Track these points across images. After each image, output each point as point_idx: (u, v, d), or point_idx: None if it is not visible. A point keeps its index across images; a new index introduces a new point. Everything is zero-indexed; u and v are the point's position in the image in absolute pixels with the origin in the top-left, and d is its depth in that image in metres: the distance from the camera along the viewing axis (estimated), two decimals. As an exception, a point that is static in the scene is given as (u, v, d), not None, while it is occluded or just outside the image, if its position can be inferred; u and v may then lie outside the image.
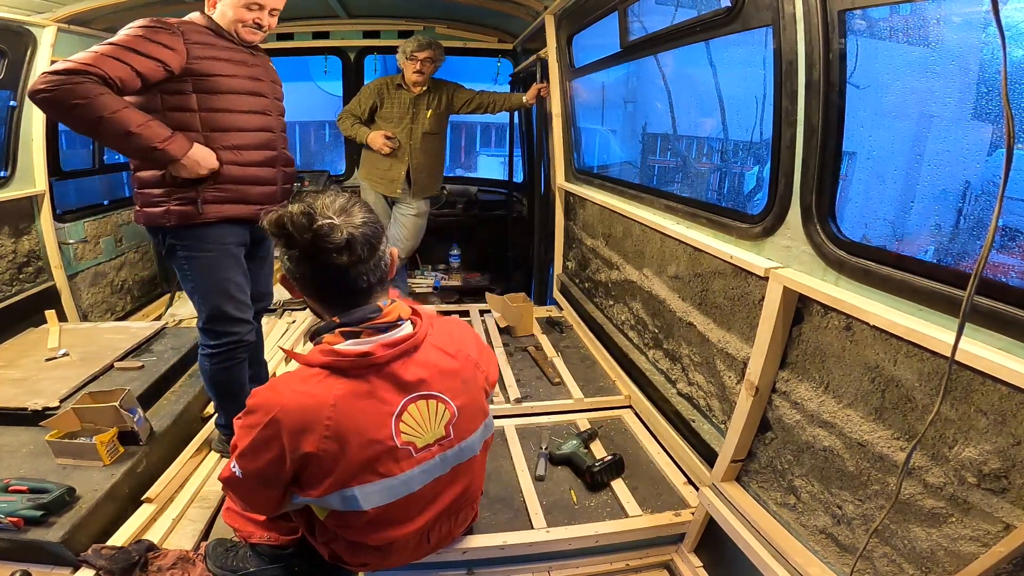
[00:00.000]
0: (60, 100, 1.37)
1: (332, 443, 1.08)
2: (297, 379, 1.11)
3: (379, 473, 1.15)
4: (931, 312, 1.01)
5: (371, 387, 1.12)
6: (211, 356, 1.76)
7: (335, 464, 1.10)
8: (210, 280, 1.69)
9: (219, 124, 1.64)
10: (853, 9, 1.13)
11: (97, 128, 1.44)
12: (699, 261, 1.81)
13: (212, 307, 1.70)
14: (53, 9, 2.59)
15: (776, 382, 1.43)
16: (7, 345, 2.38)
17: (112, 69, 1.42)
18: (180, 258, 1.67)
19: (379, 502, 1.17)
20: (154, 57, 1.49)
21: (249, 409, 1.12)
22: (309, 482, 1.14)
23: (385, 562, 1.33)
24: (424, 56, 2.98)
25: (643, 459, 1.97)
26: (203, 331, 1.76)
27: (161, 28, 1.52)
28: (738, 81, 2.68)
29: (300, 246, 1.06)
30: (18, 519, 1.40)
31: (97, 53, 1.42)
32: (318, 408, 1.07)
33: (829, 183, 1.24)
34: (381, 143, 3.06)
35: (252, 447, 1.10)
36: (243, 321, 1.76)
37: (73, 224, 3.05)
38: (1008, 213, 1.50)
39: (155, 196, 1.61)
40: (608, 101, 4.25)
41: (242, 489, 1.18)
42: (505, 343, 2.86)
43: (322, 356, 1.10)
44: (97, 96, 1.39)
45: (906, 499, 1.07)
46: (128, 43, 1.46)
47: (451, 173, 4.34)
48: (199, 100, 1.60)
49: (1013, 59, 0.77)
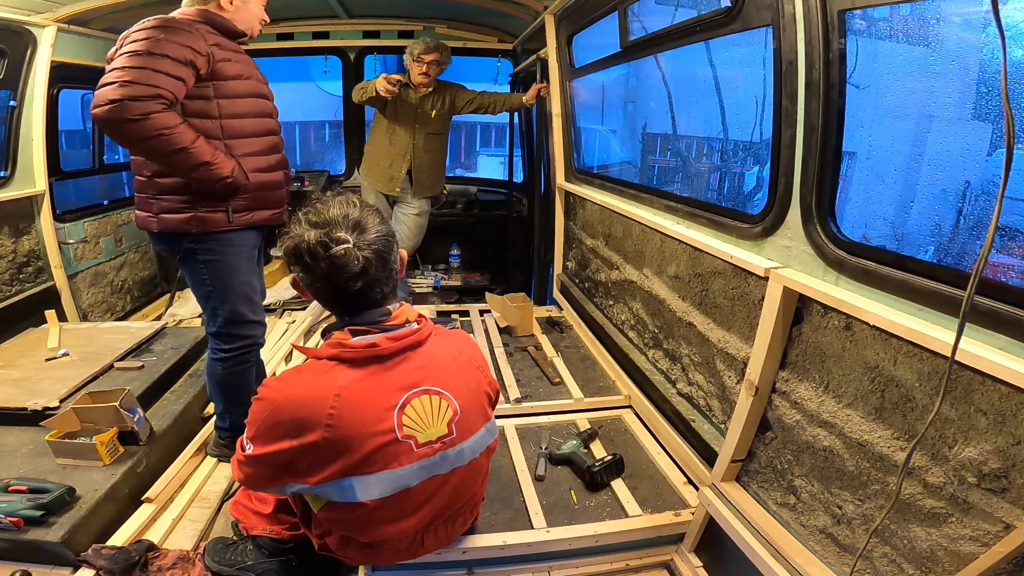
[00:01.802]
0: (138, 132, 1.37)
1: (334, 432, 1.10)
2: (305, 370, 1.16)
3: (378, 465, 1.15)
4: (931, 312, 1.01)
5: (375, 379, 1.15)
6: (224, 360, 1.74)
7: (336, 453, 1.12)
8: (229, 283, 1.67)
9: (237, 130, 1.61)
10: (853, 9, 1.13)
11: (173, 158, 1.44)
12: (699, 261, 1.81)
13: (231, 310, 1.69)
14: (53, 9, 2.59)
15: (776, 382, 1.43)
16: (7, 345, 2.38)
17: (171, 88, 1.41)
18: (199, 262, 1.64)
19: (376, 495, 1.17)
20: (188, 61, 1.46)
21: (259, 397, 1.15)
22: (308, 470, 1.15)
23: (374, 559, 1.34)
24: (431, 59, 2.99)
25: (643, 459, 1.96)
26: (217, 335, 1.74)
27: (181, 28, 1.47)
28: (738, 81, 2.68)
29: (315, 273, 1.10)
30: (18, 519, 1.41)
31: (151, 71, 1.38)
32: (323, 398, 1.10)
33: (829, 183, 1.24)
34: (384, 83, 2.85)
35: (260, 432, 1.15)
36: (259, 323, 1.77)
37: (73, 224, 3.05)
38: (1008, 213, 1.50)
39: (178, 203, 1.57)
40: (608, 101, 4.25)
41: (247, 467, 1.20)
42: (505, 343, 2.86)
43: (330, 349, 1.16)
44: (176, 126, 1.41)
45: (906, 499, 1.07)
46: (164, 51, 1.41)
47: (451, 173, 4.33)
48: (219, 106, 1.57)
49: (1013, 59, 0.77)
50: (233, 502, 1.56)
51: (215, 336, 1.75)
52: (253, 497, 1.50)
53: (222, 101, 1.57)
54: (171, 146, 1.41)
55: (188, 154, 1.44)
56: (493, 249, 4.27)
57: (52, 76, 2.70)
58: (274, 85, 1.81)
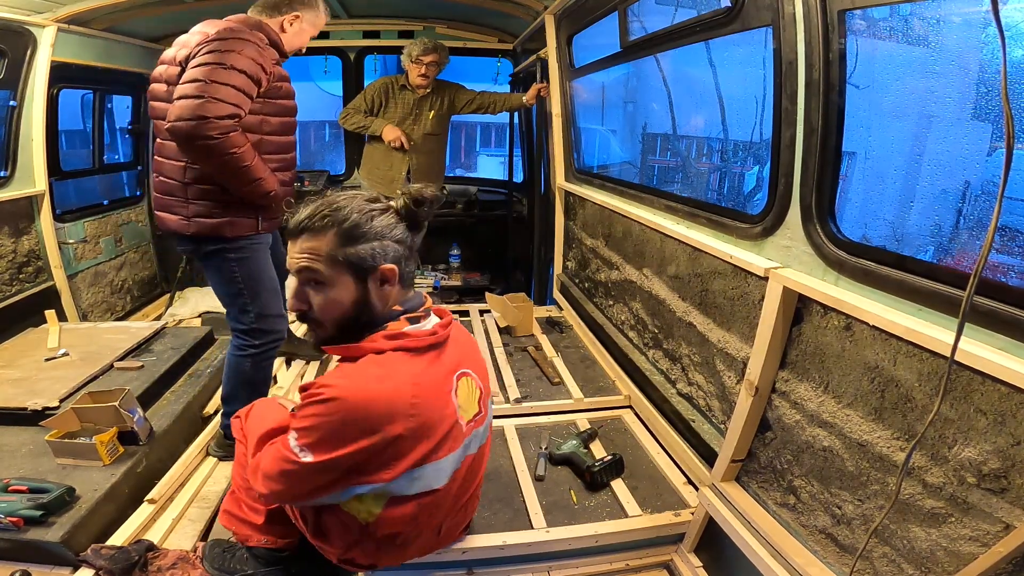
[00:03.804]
0: (218, 150, 1.46)
1: (416, 421, 1.10)
2: (373, 365, 1.10)
3: (445, 449, 1.18)
4: (931, 312, 1.01)
5: (436, 365, 1.17)
6: (253, 356, 1.79)
7: (415, 442, 1.12)
8: (260, 279, 1.77)
9: (270, 146, 1.69)
10: (853, 9, 1.13)
11: (234, 173, 1.54)
12: (699, 261, 1.81)
13: (263, 305, 1.77)
14: (53, 9, 2.59)
15: (776, 382, 1.43)
16: (7, 345, 2.38)
17: (247, 108, 1.51)
18: (231, 261, 1.71)
19: (444, 480, 1.20)
20: (258, 80, 1.54)
21: (328, 398, 1.06)
22: (384, 465, 1.11)
23: (400, 558, 1.34)
24: (429, 60, 2.99)
25: (643, 459, 1.97)
26: (248, 332, 1.78)
27: (256, 44, 1.55)
28: (738, 81, 2.68)
29: (419, 228, 1.18)
30: (18, 519, 1.40)
31: (234, 89, 1.46)
32: (401, 388, 1.09)
33: (829, 183, 1.24)
34: (396, 135, 3.02)
35: (327, 436, 1.07)
36: (284, 317, 1.85)
37: (73, 224, 3.05)
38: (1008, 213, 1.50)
39: (213, 207, 1.64)
40: (608, 101, 4.25)
41: (297, 477, 1.11)
42: (505, 343, 2.86)
43: (391, 341, 1.13)
44: (245, 145, 1.52)
45: (906, 499, 1.07)
46: (244, 67, 1.49)
47: (451, 173, 4.33)
48: (262, 123, 1.65)
49: (1013, 59, 0.77)
50: (222, 512, 1.49)
51: (246, 333, 1.79)
52: (244, 507, 1.44)
53: (267, 119, 1.66)
54: (239, 163, 1.51)
55: (249, 171, 1.54)
56: (493, 249, 4.27)
57: (52, 76, 2.70)
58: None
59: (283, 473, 1.11)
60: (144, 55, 3.47)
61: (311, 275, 1.11)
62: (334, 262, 1.10)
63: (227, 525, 1.46)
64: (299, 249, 1.12)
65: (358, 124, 3.13)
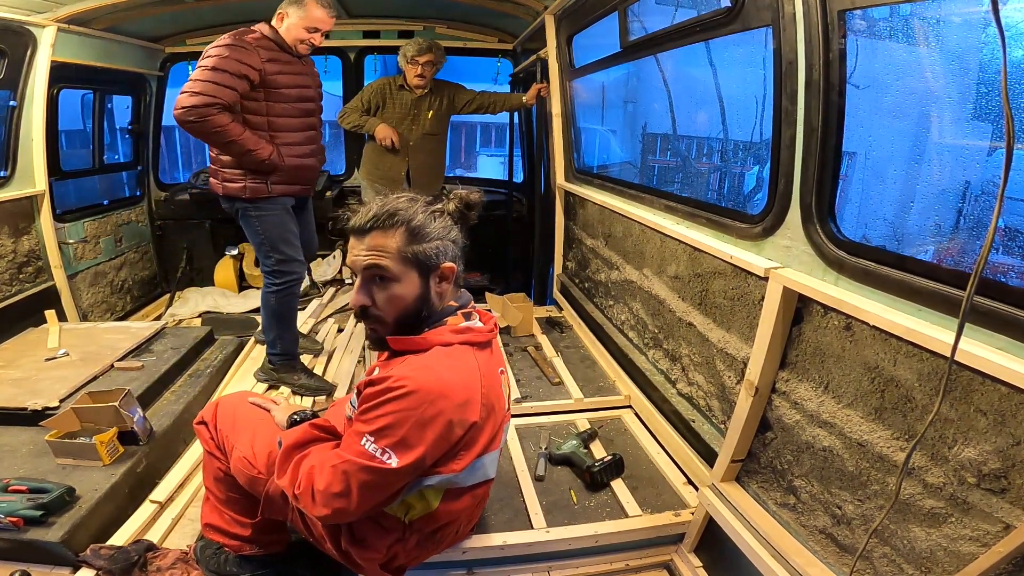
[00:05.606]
0: (202, 129, 1.91)
1: (486, 410, 1.15)
2: (445, 357, 1.13)
3: (497, 441, 1.25)
4: (931, 312, 1.01)
5: (491, 359, 1.24)
6: (276, 292, 2.22)
7: (481, 432, 1.17)
8: (276, 231, 2.20)
9: (280, 125, 2.12)
10: (853, 9, 1.13)
11: (227, 145, 1.99)
12: (699, 261, 1.81)
13: (280, 252, 2.20)
14: (53, 9, 2.59)
15: (776, 382, 1.42)
16: (7, 345, 2.38)
17: (226, 96, 1.91)
18: (252, 218, 2.17)
19: (494, 471, 1.29)
20: (243, 75, 1.94)
21: (408, 391, 1.04)
22: (455, 455, 1.15)
23: (435, 552, 1.37)
24: (425, 60, 2.99)
25: (643, 459, 1.96)
26: (271, 273, 2.22)
27: (242, 47, 1.94)
28: (738, 81, 2.68)
29: (467, 223, 1.24)
30: (18, 519, 1.40)
31: (214, 84, 1.88)
32: (473, 378, 1.14)
33: (829, 183, 1.24)
34: (387, 133, 3.03)
35: (417, 430, 1.05)
36: (300, 261, 2.28)
37: (73, 224, 3.05)
38: (1008, 213, 1.50)
39: (234, 175, 2.10)
40: (608, 101, 4.25)
41: (378, 486, 1.07)
42: (505, 343, 2.86)
43: (457, 335, 1.17)
44: (227, 124, 1.94)
45: (906, 499, 1.07)
46: (225, 67, 1.90)
47: (451, 173, 4.33)
48: (268, 107, 2.07)
49: (1013, 59, 0.77)
50: (205, 526, 1.45)
51: (270, 273, 2.22)
52: (228, 518, 1.42)
53: (270, 103, 2.07)
54: (225, 138, 1.95)
55: (238, 143, 1.98)
56: (493, 249, 4.27)
57: (52, 76, 2.70)
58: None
59: (362, 485, 1.05)
60: (144, 55, 3.48)
61: (378, 271, 1.13)
62: (402, 259, 1.13)
63: (214, 538, 1.44)
64: (366, 247, 1.14)
65: (354, 123, 3.14)
